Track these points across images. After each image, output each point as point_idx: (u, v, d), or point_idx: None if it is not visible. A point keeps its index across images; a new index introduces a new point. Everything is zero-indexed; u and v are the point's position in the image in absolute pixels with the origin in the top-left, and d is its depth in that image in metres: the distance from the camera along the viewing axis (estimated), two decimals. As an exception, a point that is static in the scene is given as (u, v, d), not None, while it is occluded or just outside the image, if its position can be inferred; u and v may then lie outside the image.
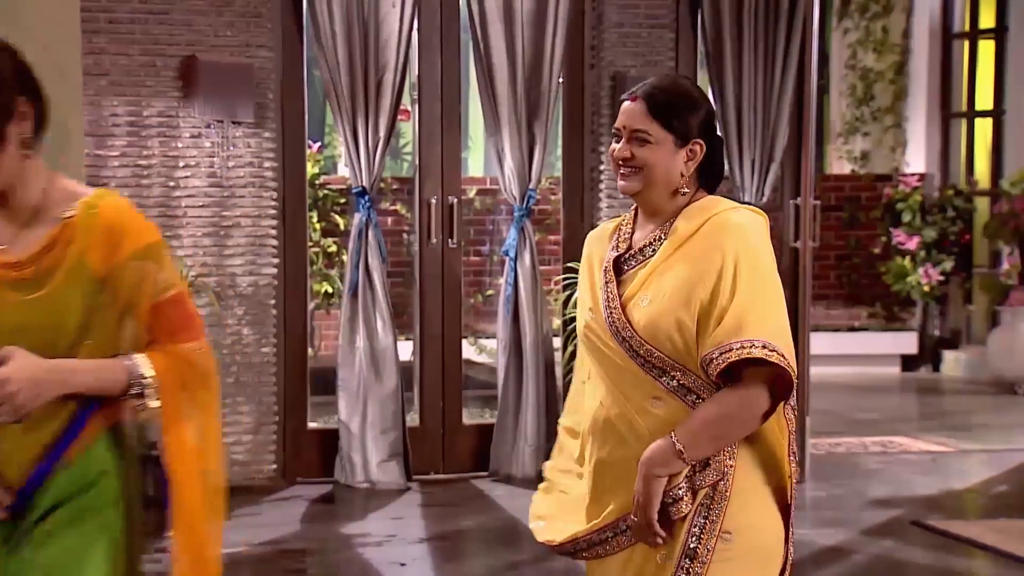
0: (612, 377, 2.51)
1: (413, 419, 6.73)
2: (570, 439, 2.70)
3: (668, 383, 2.45)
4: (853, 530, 5.59)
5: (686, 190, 2.52)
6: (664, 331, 2.43)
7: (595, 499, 2.55)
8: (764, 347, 2.36)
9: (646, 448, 2.43)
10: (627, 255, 2.56)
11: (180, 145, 6.25)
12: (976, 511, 6.26)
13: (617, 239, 2.60)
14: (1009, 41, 9.87)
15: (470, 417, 7.06)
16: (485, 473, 6.62)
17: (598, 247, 2.64)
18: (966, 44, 10.32)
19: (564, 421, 2.75)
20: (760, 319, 2.39)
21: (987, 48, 10.23)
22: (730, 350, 2.36)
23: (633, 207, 2.64)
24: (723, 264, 2.41)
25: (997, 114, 10.11)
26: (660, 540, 2.43)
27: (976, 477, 6.85)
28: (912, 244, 9.93)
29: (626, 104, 2.53)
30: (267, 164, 6.38)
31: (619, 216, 2.70)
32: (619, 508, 2.49)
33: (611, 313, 2.51)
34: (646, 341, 2.45)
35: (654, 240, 2.53)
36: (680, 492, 2.41)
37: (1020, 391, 8.75)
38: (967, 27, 10.34)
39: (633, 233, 2.59)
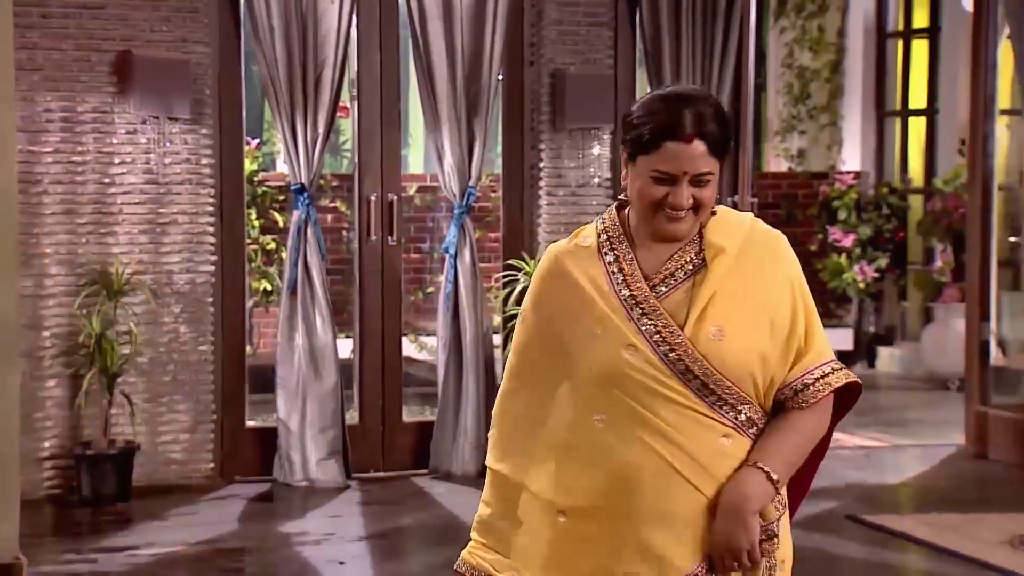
0: (670, 420, 2.24)
1: (352, 417, 6.71)
2: (509, 487, 2.36)
3: (736, 418, 2.27)
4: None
5: (714, 208, 2.33)
6: (748, 366, 2.25)
7: (646, 552, 2.25)
8: (846, 368, 2.34)
9: (718, 490, 2.24)
10: (652, 282, 2.29)
11: (115, 141, 6.18)
12: (909, 505, 6.35)
13: (616, 261, 2.30)
14: (942, 41, 10.00)
15: (410, 414, 7.05)
16: (425, 471, 6.61)
17: (592, 267, 2.31)
18: (900, 43, 10.44)
19: (501, 467, 2.38)
20: (825, 339, 2.34)
21: (921, 47, 10.36)
22: (824, 376, 2.30)
23: (611, 222, 2.35)
24: (792, 287, 2.31)
25: (930, 113, 10.24)
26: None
27: (909, 472, 6.94)
28: (848, 241, 10.03)
29: (680, 147, 2.21)
30: (204, 161, 6.32)
31: (582, 227, 2.39)
32: (692, 555, 2.25)
33: (672, 349, 2.23)
34: (726, 378, 2.24)
35: (686, 262, 2.29)
36: (774, 527, 2.29)
37: (953, 387, 8.88)
38: (901, 26, 10.46)
39: (634, 254, 2.31)
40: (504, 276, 6.76)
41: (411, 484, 6.47)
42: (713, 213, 2.32)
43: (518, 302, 6.63)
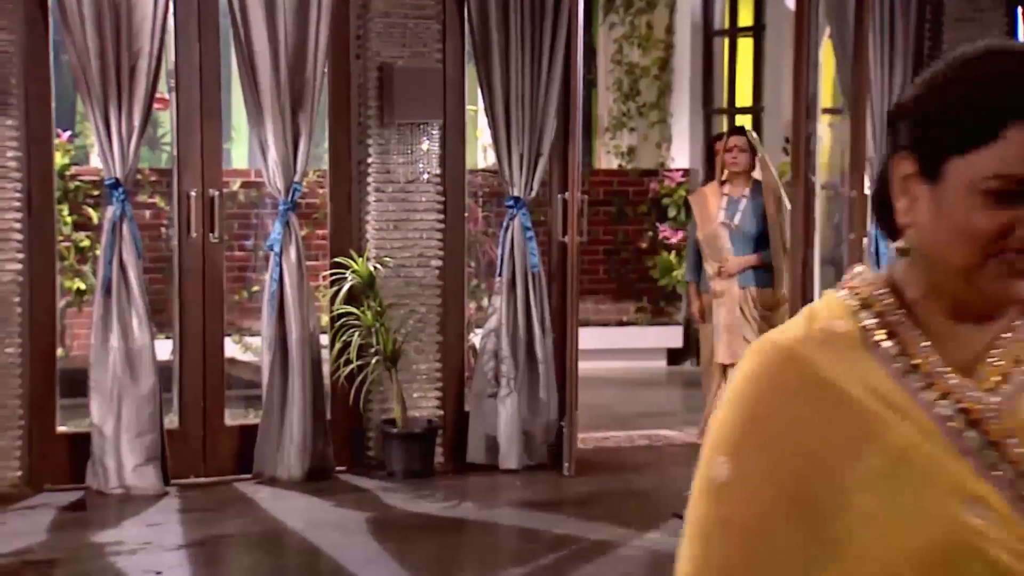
0: None
1: (172, 421, 6.48)
2: None
3: None
4: (620, 524, 5.61)
5: None
6: None
7: None
8: None
9: None
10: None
11: (-88, 132, 5.83)
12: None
13: (903, 354, 1.33)
14: (767, 39, 10.17)
15: (233, 418, 6.83)
16: (248, 475, 6.43)
17: (862, 366, 1.32)
18: (726, 41, 10.59)
19: None
20: None
21: (746, 46, 10.53)
22: None
23: (876, 292, 1.35)
24: None
25: (756, 110, 10.41)
26: None
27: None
28: (677, 238, 10.13)
29: None
30: (10, 154, 6.02)
31: (810, 306, 1.38)
32: None
33: None
34: None
35: (1018, 359, 1.35)
36: None
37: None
38: (727, 25, 10.61)
39: (929, 345, 1.35)
40: (331, 274, 6.60)
41: (233, 490, 6.28)
42: None
43: (346, 301, 6.48)
